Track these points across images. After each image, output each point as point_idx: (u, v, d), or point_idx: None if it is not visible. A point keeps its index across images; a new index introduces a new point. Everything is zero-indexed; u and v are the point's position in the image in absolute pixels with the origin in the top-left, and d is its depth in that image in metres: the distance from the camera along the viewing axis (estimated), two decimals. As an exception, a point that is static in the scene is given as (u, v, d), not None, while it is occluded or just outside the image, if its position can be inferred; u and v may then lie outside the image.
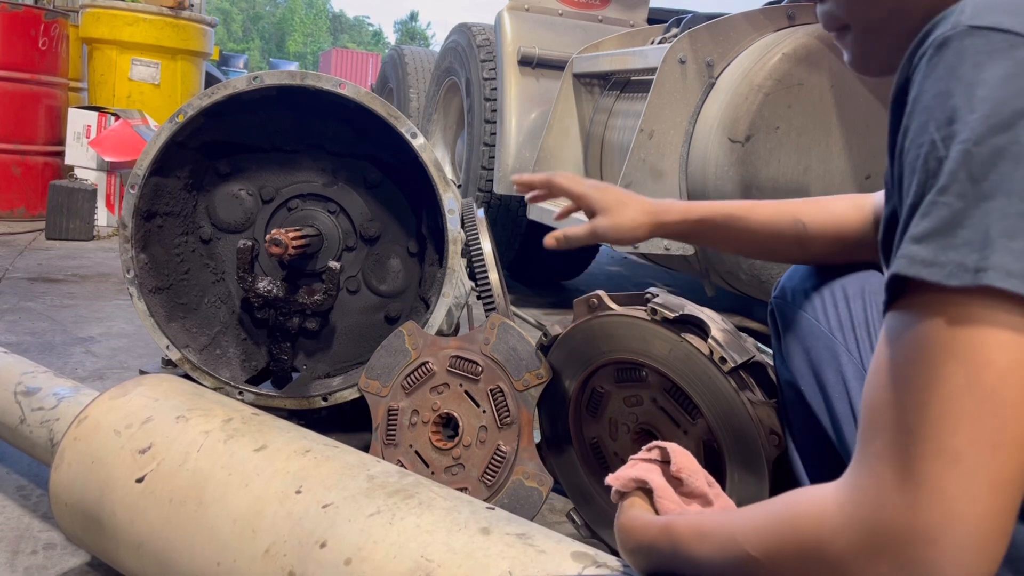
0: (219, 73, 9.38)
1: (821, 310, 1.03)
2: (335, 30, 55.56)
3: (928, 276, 0.50)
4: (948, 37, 0.54)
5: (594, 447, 1.47)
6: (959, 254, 0.49)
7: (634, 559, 0.75)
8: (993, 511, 0.48)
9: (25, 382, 1.44)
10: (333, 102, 1.56)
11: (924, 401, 0.50)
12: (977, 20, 0.53)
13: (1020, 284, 0.47)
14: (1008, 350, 0.48)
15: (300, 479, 1.05)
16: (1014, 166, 0.49)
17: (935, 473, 0.48)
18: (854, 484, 0.53)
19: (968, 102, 0.51)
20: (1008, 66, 0.51)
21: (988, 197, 0.49)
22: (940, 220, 0.50)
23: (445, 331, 1.64)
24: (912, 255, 0.51)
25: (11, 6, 4.61)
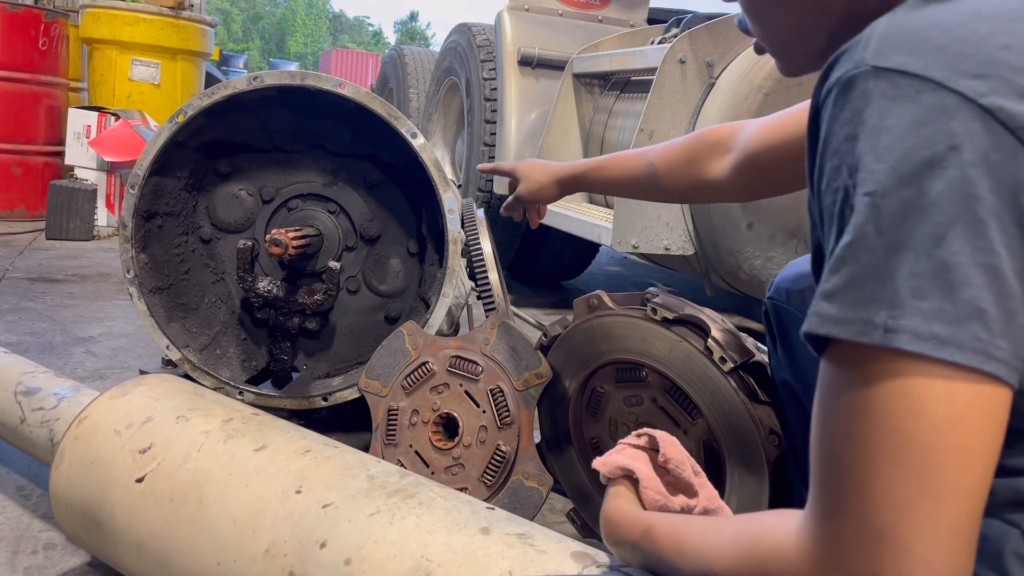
0: (219, 73, 9.38)
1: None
2: (335, 30, 55.56)
3: (839, 334, 0.49)
4: (852, 77, 0.52)
5: (594, 447, 1.47)
6: (868, 312, 0.48)
7: (617, 551, 0.76)
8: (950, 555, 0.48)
9: (25, 382, 1.44)
10: (333, 102, 1.56)
11: (867, 455, 0.49)
12: (881, 60, 0.51)
13: (929, 347, 0.47)
14: (938, 401, 0.47)
15: (300, 479, 1.05)
16: (921, 220, 0.47)
17: (888, 525, 0.48)
18: (815, 534, 0.53)
19: (872, 150, 0.49)
20: (913, 112, 0.49)
21: (896, 252, 0.48)
22: (849, 276, 0.49)
23: (445, 331, 1.64)
24: (822, 312, 0.50)
25: (11, 6, 4.61)
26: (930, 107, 0.48)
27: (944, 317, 0.47)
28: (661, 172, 1.21)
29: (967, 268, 0.47)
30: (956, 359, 0.47)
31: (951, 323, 0.47)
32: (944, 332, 0.47)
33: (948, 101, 0.48)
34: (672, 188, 1.21)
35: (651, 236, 2.58)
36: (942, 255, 0.47)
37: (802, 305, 1.04)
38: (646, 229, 2.57)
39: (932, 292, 0.47)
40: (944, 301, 0.47)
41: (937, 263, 0.47)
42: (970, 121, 0.48)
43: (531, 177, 1.40)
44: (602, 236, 2.69)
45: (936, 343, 0.47)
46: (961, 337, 0.47)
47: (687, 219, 2.58)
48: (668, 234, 2.58)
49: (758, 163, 1.09)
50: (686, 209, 2.57)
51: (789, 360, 1.07)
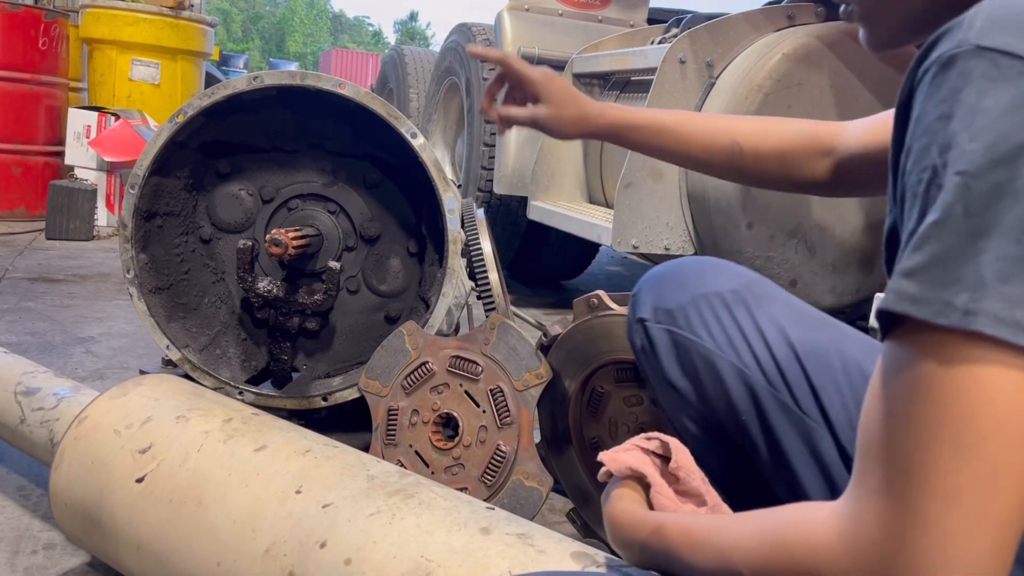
0: (219, 73, 9.38)
1: (703, 328, 0.95)
2: (335, 30, 55.57)
3: (916, 313, 0.48)
4: (953, 56, 0.50)
5: (594, 447, 1.47)
6: (949, 293, 0.47)
7: (625, 553, 0.74)
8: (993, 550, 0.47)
9: (25, 382, 1.44)
10: (333, 102, 1.56)
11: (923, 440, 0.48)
12: (985, 40, 0.50)
13: (1009, 332, 0.46)
14: (1008, 392, 0.46)
15: (300, 479, 1.05)
16: (1012, 204, 0.47)
17: (935, 513, 0.47)
18: (853, 516, 0.51)
19: (968, 129, 0.48)
20: (1013, 95, 0.48)
21: (984, 236, 0.47)
22: (932, 256, 0.48)
23: (445, 331, 1.64)
24: (901, 290, 0.49)
25: (11, 6, 4.61)
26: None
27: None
28: (748, 156, 1.11)
29: None
30: None
31: None
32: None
33: None
34: (758, 176, 1.13)
35: (651, 236, 2.58)
36: None
37: (684, 324, 0.97)
38: (646, 229, 2.57)
39: (1018, 278, 0.46)
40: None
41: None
42: None
43: (563, 106, 1.19)
44: (602, 236, 2.69)
45: (1018, 330, 0.46)
46: None
47: (687, 219, 2.58)
48: (668, 234, 2.58)
49: (856, 166, 1.06)
50: (686, 209, 2.57)
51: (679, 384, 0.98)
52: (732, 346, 0.93)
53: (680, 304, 0.98)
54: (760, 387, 0.91)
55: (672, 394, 1.01)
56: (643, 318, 1.02)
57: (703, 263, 1.04)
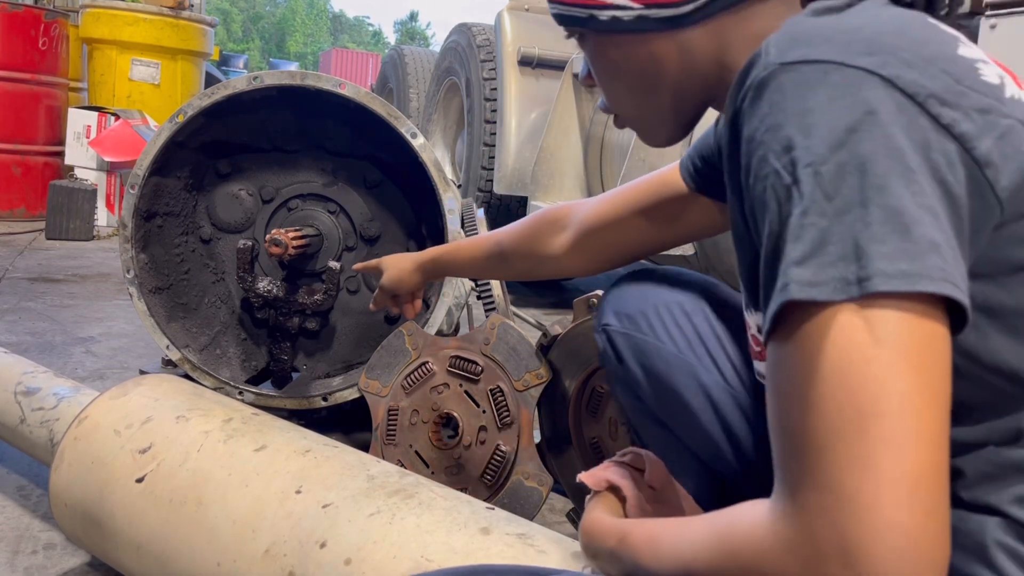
0: (219, 73, 9.38)
1: (664, 332, 0.99)
2: (335, 30, 55.58)
3: (817, 295, 0.50)
4: (764, 79, 0.57)
5: (594, 447, 1.47)
6: (838, 270, 0.50)
7: (596, 563, 0.75)
8: (918, 506, 0.47)
9: (25, 382, 1.44)
10: (333, 102, 1.56)
11: (826, 414, 0.49)
12: (785, 57, 0.56)
13: (900, 283, 0.49)
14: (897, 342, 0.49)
15: (300, 479, 1.05)
16: (859, 176, 0.51)
17: (852, 484, 0.48)
18: (781, 512, 0.52)
19: (801, 129, 0.53)
20: (826, 91, 0.54)
21: (847, 211, 0.51)
22: (811, 241, 0.51)
23: (445, 331, 1.64)
24: (799, 279, 0.51)
25: (11, 6, 4.62)
26: (839, 83, 0.54)
27: (907, 255, 0.49)
28: (507, 251, 1.24)
29: (913, 209, 0.50)
30: (929, 289, 0.49)
31: (915, 259, 0.49)
32: (911, 267, 0.49)
33: (852, 75, 0.54)
34: (517, 265, 1.25)
35: (651, 236, 2.57)
36: (888, 201, 0.50)
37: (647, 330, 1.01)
38: (646, 229, 2.56)
39: (889, 236, 0.49)
40: (903, 240, 0.49)
41: (886, 209, 0.50)
42: (875, 88, 0.53)
43: (393, 266, 1.41)
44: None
45: (907, 278, 0.49)
46: (927, 268, 0.49)
47: (687, 219, 2.58)
48: (668, 234, 2.58)
49: (591, 239, 1.14)
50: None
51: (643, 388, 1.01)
52: (691, 348, 0.97)
53: (642, 311, 1.02)
54: (717, 387, 0.94)
55: (634, 398, 1.04)
56: (607, 324, 1.06)
57: (664, 272, 1.09)
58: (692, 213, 1.05)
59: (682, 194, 1.04)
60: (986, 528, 0.57)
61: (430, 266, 1.37)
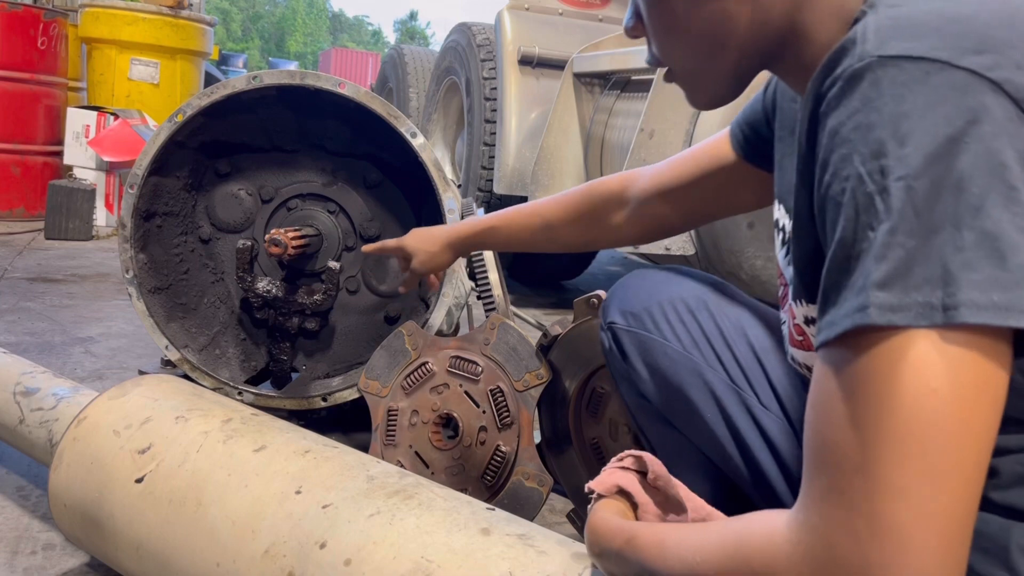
0: (219, 73, 9.37)
1: (669, 330, 0.99)
2: (335, 30, 55.57)
3: (899, 320, 0.48)
4: (858, 70, 0.53)
5: (594, 447, 1.46)
6: (923, 294, 0.48)
7: (602, 563, 0.75)
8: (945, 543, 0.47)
9: (24, 382, 1.43)
10: (333, 102, 1.56)
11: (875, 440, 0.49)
12: (885, 49, 0.52)
13: (991, 316, 0.47)
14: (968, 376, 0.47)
15: (300, 480, 1.05)
16: (956, 195, 0.48)
17: (883, 510, 0.48)
18: (804, 522, 0.52)
19: (895, 135, 0.50)
20: (927, 94, 0.50)
21: (938, 231, 0.48)
22: (898, 261, 0.49)
23: (445, 331, 1.64)
24: (880, 303, 0.49)
25: (11, 6, 4.61)
26: (942, 86, 0.50)
27: (1000, 285, 0.47)
28: (558, 227, 1.21)
29: (1011, 234, 0.47)
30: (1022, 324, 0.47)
31: (1009, 289, 0.47)
32: (1003, 299, 0.47)
33: (958, 78, 0.50)
34: (570, 241, 1.22)
35: (651, 236, 2.57)
36: (984, 224, 0.47)
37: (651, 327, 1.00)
38: (646, 229, 2.56)
39: (982, 262, 0.47)
40: (996, 269, 0.47)
41: (980, 233, 0.47)
42: (982, 95, 0.49)
43: (421, 248, 1.33)
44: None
45: (998, 311, 0.47)
46: (1022, 302, 0.47)
47: (687, 219, 2.58)
48: (668, 234, 2.58)
49: (652, 210, 1.11)
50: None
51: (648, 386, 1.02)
52: (696, 347, 0.97)
53: (646, 308, 1.02)
54: (722, 385, 0.94)
55: (639, 397, 1.04)
56: (612, 322, 1.06)
57: (668, 271, 1.08)
58: (740, 183, 1.02)
59: (732, 162, 1.01)
60: (1011, 532, 0.56)
61: (463, 245, 1.30)
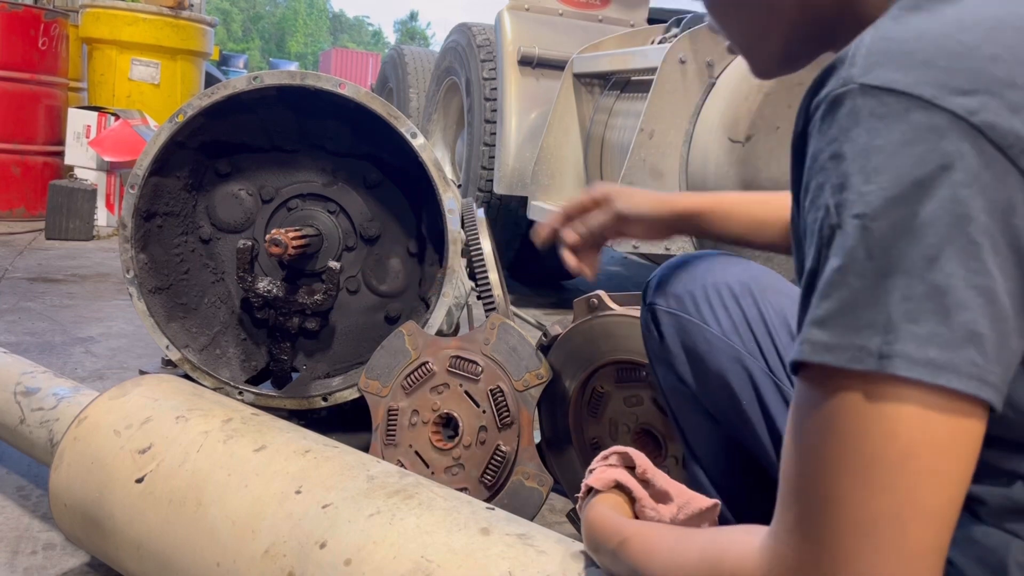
0: (219, 73, 9.38)
1: (710, 313, 0.97)
2: (335, 30, 55.57)
3: (832, 361, 0.48)
4: (839, 96, 0.50)
5: (594, 447, 1.47)
6: (861, 338, 0.47)
7: (598, 558, 0.77)
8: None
9: (25, 382, 1.43)
10: (333, 102, 1.56)
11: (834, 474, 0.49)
12: (869, 78, 0.49)
13: (924, 372, 0.46)
14: (914, 425, 0.46)
15: (300, 479, 1.05)
16: (913, 242, 0.46)
17: (849, 546, 0.48)
18: (774, 552, 0.52)
19: (861, 170, 0.48)
20: (903, 131, 0.47)
21: (888, 276, 0.46)
22: (841, 302, 0.48)
23: (445, 331, 1.64)
24: (815, 340, 0.49)
25: (11, 6, 4.61)
26: (920, 126, 0.47)
27: (939, 341, 0.45)
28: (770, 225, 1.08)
29: (961, 290, 0.46)
30: (953, 385, 0.45)
31: (947, 348, 0.45)
32: (940, 357, 0.45)
33: (938, 120, 0.47)
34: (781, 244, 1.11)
35: (651, 236, 2.57)
36: (935, 277, 0.46)
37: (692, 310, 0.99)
38: (646, 229, 2.56)
39: (926, 316, 0.46)
40: (939, 325, 0.45)
41: (930, 286, 0.46)
42: (961, 140, 0.46)
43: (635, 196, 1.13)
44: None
45: (932, 369, 0.46)
46: (957, 362, 0.45)
47: (687, 219, 2.58)
48: (668, 234, 2.58)
49: None
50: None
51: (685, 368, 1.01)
52: (737, 332, 0.95)
53: (689, 291, 1.01)
54: (760, 373, 0.93)
55: (674, 378, 1.04)
56: (652, 302, 1.05)
57: (714, 256, 1.07)
58: None
59: None
60: (1010, 548, 0.56)
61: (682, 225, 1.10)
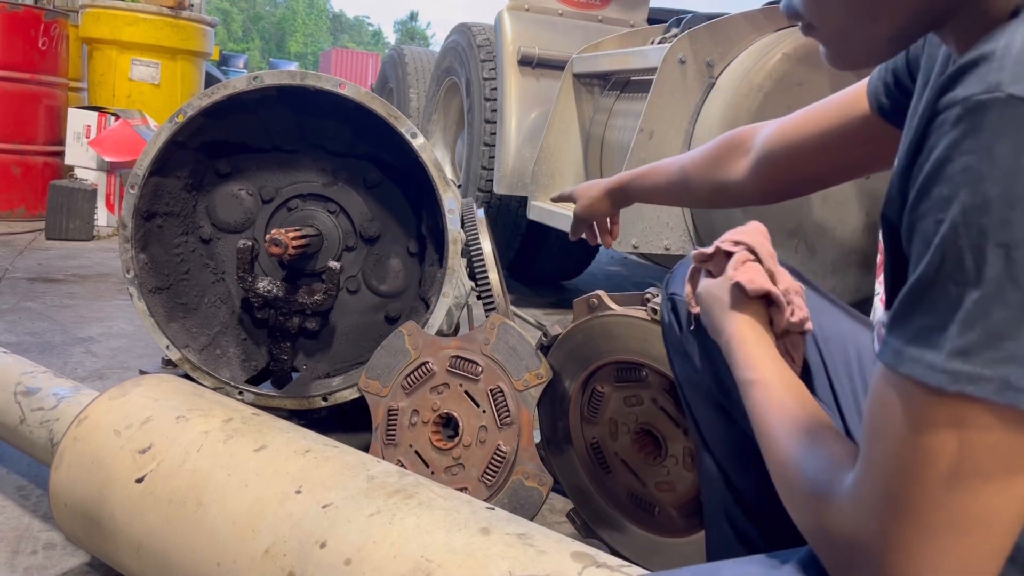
0: (219, 73, 9.37)
1: None
2: (335, 30, 55.56)
3: (975, 392, 0.47)
4: (983, 102, 0.46)
5: (594, 447, 1.47)
6: (1006, 369, 0.46)
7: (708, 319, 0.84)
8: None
9: (25, 382, 1.44)
10: (333, 102, 1.56)
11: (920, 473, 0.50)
12: (1020, 88, 0.45)
13: None
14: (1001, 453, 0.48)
15: (300, 479, 1.05)
16: None
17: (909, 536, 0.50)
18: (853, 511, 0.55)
19: (1005, 195, 0.45)
20: None
21: None
22: (984, 332, 0.46)
23: (445, 331, 1.64)
24: (955, 371, 0.47)
25: (11, 6, 4.61)
26: None
27: None
28: (691, 175, 1.19)
29: None
30: None
31: None
32: None
33: None
34: (699, 191, 1.20)
35: (651, 236, 2.58)
36: None
37: None
38: (646, 229, 2.57)
39: None
40: None
41: None
42: None
43: (584, 195, 1.38)
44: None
45: None
46: None
47: (687, 219, 2.58)
48: (668, 234, 2.58)
49: (773, 162, 1.06)
50: (686, 209, 2.57)
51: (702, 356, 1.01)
52: None
53: None
54: None
55: (690, 368, 1.04)
56: (674, 293, 1.05)
57: None
58: (871, 140, 0.94)
59: (864, 116, 0.93)
60: None
61: (618, 192, 1.33)
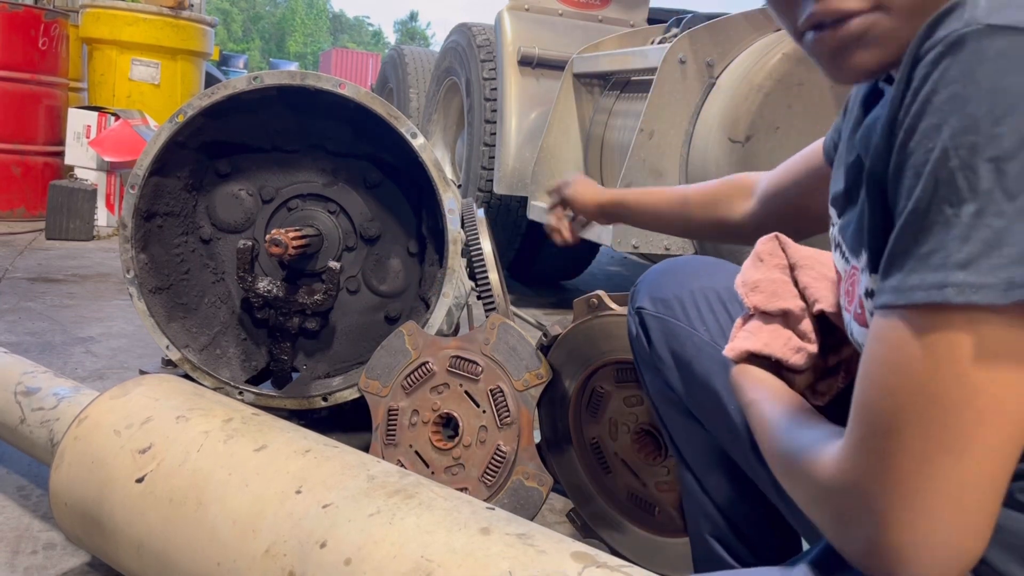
0: (219, 73, 9.37)
1: (698, 319, 0.99)
2: (335, 30, 55.57)
3: (980, 300, 0.48)
4: (963, 35, 0.49)
5: (594, 447, 1.47)
6: (1007, 272, 0.47)
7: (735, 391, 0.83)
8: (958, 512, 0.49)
9: (25, 382, 1.44)
10: (333, 102, 1.56)
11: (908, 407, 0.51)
12: (996, 18, 0.48)
13: None
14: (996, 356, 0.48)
15: (300, 479, 1.05)
16: None
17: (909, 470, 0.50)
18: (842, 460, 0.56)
19: (991, 112, 0.48)
20: None
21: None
22: (983, 242, 0.48)
23: (445, 331, 1.64)
24: (960, 282, 0.48)
25: (11, 6, 4.61)
26: None
27: None
28: (693, 208, 1.21)
29: None
30: None
31: None
32: None
33: None
34: (700, 224, 1.23)
35: (651, 236, 2.58)
36: None
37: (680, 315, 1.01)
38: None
39: None
40: None
41: None
42: None
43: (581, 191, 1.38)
44: (602, 236, 2.69)
45: None
46: None
47: (687, 219, 2.58)
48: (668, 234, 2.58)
49: (770, 211, 1.11)
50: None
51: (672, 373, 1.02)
52: (724, 338, 0.96)
53: (677, 295, 1.02)
54: None
55: (661, 383, 1.04)
56: (640, 307, 1.06)
57: (702, 261, 1.08)
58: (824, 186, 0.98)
59: (820, 165, 0.99)
60: None
61: (610, 208, 1.34)
